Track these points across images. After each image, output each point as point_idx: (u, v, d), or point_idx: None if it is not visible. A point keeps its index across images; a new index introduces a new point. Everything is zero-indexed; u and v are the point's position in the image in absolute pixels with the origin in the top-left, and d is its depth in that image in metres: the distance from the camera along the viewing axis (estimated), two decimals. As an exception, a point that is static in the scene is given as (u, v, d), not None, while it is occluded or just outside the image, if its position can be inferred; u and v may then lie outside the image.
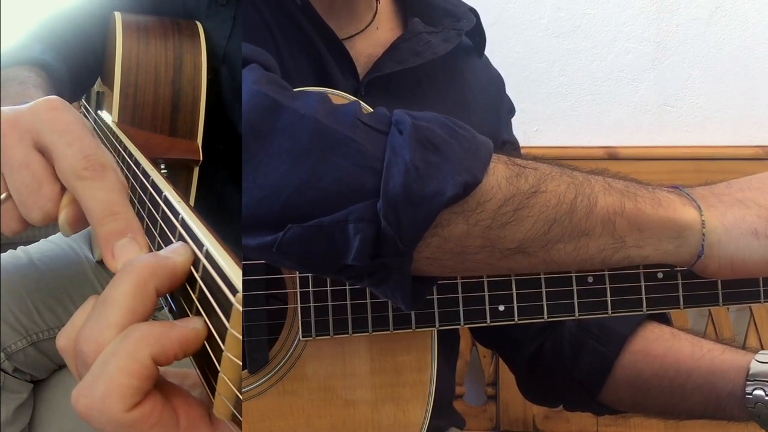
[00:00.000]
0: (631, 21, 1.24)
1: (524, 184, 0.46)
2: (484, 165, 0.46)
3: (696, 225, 0.48)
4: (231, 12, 0.81)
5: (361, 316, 0.62)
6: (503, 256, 0.47)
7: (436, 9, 0.77)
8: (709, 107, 1.24)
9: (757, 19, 1.22)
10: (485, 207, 0.45)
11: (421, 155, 0.44)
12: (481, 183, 0.45)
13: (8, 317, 0.81)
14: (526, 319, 0.64)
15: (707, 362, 0.69)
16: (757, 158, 1.20)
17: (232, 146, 0.81)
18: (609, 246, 0.48)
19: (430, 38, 0.73)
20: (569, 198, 0.46)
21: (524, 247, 0.47)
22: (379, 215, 0.44)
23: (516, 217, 0.46)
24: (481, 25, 0.80)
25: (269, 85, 0.47)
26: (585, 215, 0.47)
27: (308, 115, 0.45)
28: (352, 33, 0.72)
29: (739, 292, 0.65)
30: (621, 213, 0.47)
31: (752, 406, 0.65)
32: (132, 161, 0.56)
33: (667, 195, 0.49)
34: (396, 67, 0.71)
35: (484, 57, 0.83)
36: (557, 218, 0.46)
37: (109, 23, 0.84)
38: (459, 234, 0.45)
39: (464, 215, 0.45)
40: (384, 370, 0.64)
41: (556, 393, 0.81)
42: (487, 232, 0.45)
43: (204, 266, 0.33)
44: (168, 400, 0.33)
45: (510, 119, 0.87)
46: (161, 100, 0.78)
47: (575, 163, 1.34)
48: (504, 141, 0.83)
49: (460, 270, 0.49)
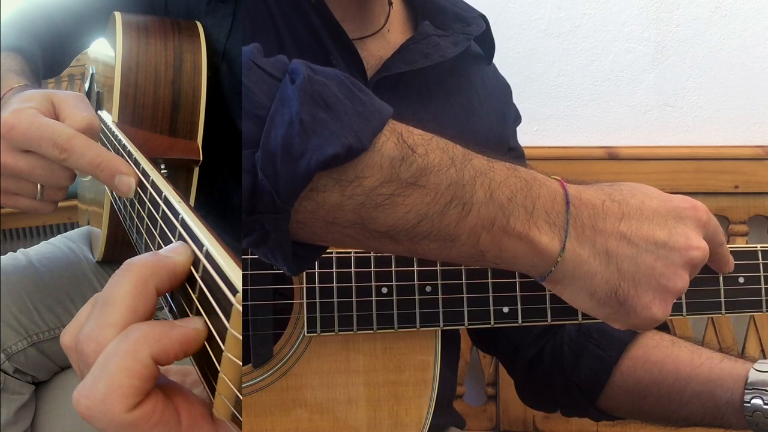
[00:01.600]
0: (631, 21, 1.24)
1: (406, 171, 0.44)
2: (373, 133, 0.44)
3: (550, 259, 0.47)
4: (230, 9, 0.81)
5: (366, 313, 0.62)
6: (371, 236, 0.46)
7: (446, 13, 0.77)
8: (709, 107, 1.24)
9: (757, 19, 1.22)
10: (362, 183, 0.44)
11: (310, 109, 0.42)
12: (365, 155, 0.43)
13: (8, 318, 0.80)
14: (529, 321, 0.64)
15: (706, 370, 0.69)
16: (757, 158, 1.20)
17: (232, 143, 0.81)
18: (470, 255, 0.47)
19: (439, 41, 0.74)
20: (444, 200, 0.45)
21: (393, 234, 0.46)
22: (256, 167, 0.42)
23: (390, 201, 0.44)
24: (490, 32, 0.80)
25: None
26: (454, 222, 0.45)
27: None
28: (363, 35, 0.72)
29: (742, 301, 0.65)
30: (489, 229, 0.46)
31: (750, 414, 0.65)
32: (132, 161, 0.56)
33: (543, 221, 0.47)
34: (404, 67, 0.71)
35: (492, 64, 0.84)
36: (428, 215, 0.45)
37: (78, 11, 0.91)
38: (332, 203, 0.44)
39: (340, 185, 0.43)
40: (387, 369, 0.64)
41: (554, 398, 0.81)
42: (359, 208, 0.44)
43: (204, 266, 0.33)
44: (169, 399, 0.33)
45: (516, 127, 0.87)
46: (161, 99, 0.78)
47: (575, 162, 1.34)
48: (510, 148, 0.84)
49: (329, 240, 0.47)
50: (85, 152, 0.58)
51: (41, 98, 0.64)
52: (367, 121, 0.44)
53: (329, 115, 0.43)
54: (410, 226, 0.45)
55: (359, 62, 0.70)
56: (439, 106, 0.75)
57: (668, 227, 0.49)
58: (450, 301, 0.63)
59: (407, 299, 0.62)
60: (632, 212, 0.49)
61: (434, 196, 0.45)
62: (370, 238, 0.46)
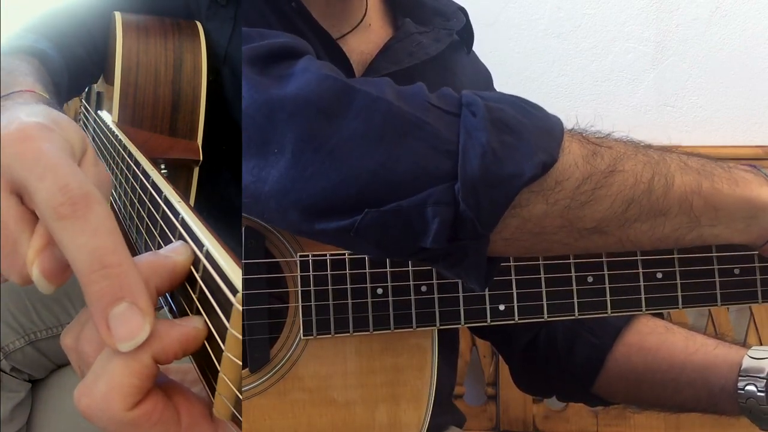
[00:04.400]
0: (631, 21, 1.24)
1: (601, 162, 0.46)
2: (558, 143, 0.46)
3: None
4: (231, 13, 0.81)
5: (362, 315, 0.62)
6: (581, 236, 0.47)
7: (425, 8, 0.77)
8: (709, 107, 1.24)
9: (757, 19, 1.22)
10: (564, 186, 0.45)
11: (497, 136, 0.44)
12: (558, 162, 0.45)
13: (6, 317, 0.81)
14: (526, 318, 0.64)
15: (700, 357, 0.70)
16: (757, 158, 1.20)
17: (235, 147, 0.81)
18: (684, 225, 0.48)
19: (421, 38, 0.74)
20: (646, 177, 0.47)
21: (602, 227, 0.47)
22: (457, 198, 0.44)
23: (595, 196, 0.46)
24: (470, 24, 0.80)
25: (334, 71, 0.47)
26: (662, 194, 0.47)
27: (381, 97, 0.45)
28: (345, 31, 0.72)
29: (737, 292, 0.65)
30: (698, 192, 0.47)
31: (744, 401, 0.66)
32: (132, 161, 0.56)
33: (743, 174, 0.50)
34: (391, 67, 0.71)
35: (472, 52, 0.84)
36: (635, 197, 0.46)
37: (110, 20, 0.83)
38: (538, 214, 0.45)
39: (543, 194, 0.45)
40: (384, 370, 0.64)
41: (549, 384, 0.82)
42: (566, 212, 0.45)
43: (204, 266, 0.33)
44: (169, 398, 0.33)
45: None
46: (161, 100, 0.78)
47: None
48: None
49: (536, 250, 0.49)
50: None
51: (77, 136, 0.41)
52: (550, 134, 0.46)
53: (515, 137, 0.45)
54: (619, 213, 0.46)
55: (346, 62, 0.70)
56: None
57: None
58: (446, 300, 0.63)
59: (403, 299, 0.62)
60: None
61: (636, 177, 0.46)
62: (579, 238, 0.47)
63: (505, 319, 0.65)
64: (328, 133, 0.44)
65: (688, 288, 0.64)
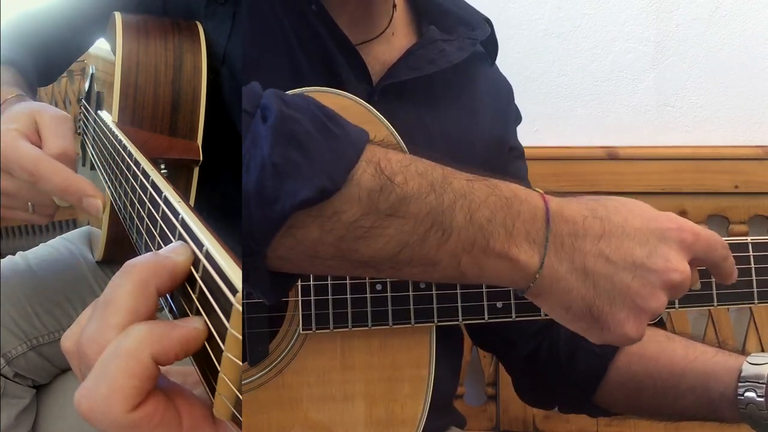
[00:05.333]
0: (631, 21, 1.24)
1: (384, 202, 0.44)
2: (347, 169, 0.43)
3: (530, 275, 0.48)
4: (230, 12, 0.81)
5: (361, 310, 0.62)
6: (354, 266, 0.46)
7: (451, 17, 0.77)
8: (709, 107, 1.24)
9: (757, 19, 1.22)
10: (341, 218, 0.43)
11: (282, 150, 0.42)
12: (341, 191, 0.43)
13: (8, 322, 0.80)
14: (523, 316, 0.65)
15: (700, 364, 0.70)
16: (757, 158, 1.20)
17: (235, 147, 0.81)
18: (451, 276, 0.48)
19: (444, 46, 0.74)
20: (424, 228, 0.45)
21: (374, 263, 0.46)
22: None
23: (370, 233, 0.44)
24: (494, 35, 0.80)
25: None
26: (435, 247, 0.46)
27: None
28: (367, 38, 0.72)
29: (734, 293, 0.65)
30: (469, 252, 0.46)
31: (744, 407, 0.66)
32: (132, 161, 0.56)
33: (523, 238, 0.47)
34: (411, 74, 0.71)
35: (494, 65, 0.84)
36: (409, 243, 0.45)
37: (70, 17, 0.93)
38: (312, 239, 0.44)
39: (319, 221, 0.43)
40: (383, 366, 0.64)
41: (551, 394, 0.82)
42: (339, 242, 0.44)
43: (204, 266, 0.33)
44: (170, 399, 0.33)
45: (516, 126, 0.87)
46: (161, 100, 0.78)
47: (575, 163, 1.34)
48: (510, 147, 0.84)
49: (314, 271, 0.47)
50: (51, 177, 0.65)
51: (26, 120, 0.69)
52: (340, 158, 0.44)
53: (302, 154, 0.43)
54: (391, 255, 0.45)
55: (364, 69, 0.70)
56: (443, 109, 0.75)
57: (649, 247, 0.49)
58: (444, 296, 0.63)
59: (401, 295, 0.63)
60: (614, 230, 0.49)
61: (414, 224, 0.45)
62: (353, 268, 0.46)
63: (502, 317, 0.65)
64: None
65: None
